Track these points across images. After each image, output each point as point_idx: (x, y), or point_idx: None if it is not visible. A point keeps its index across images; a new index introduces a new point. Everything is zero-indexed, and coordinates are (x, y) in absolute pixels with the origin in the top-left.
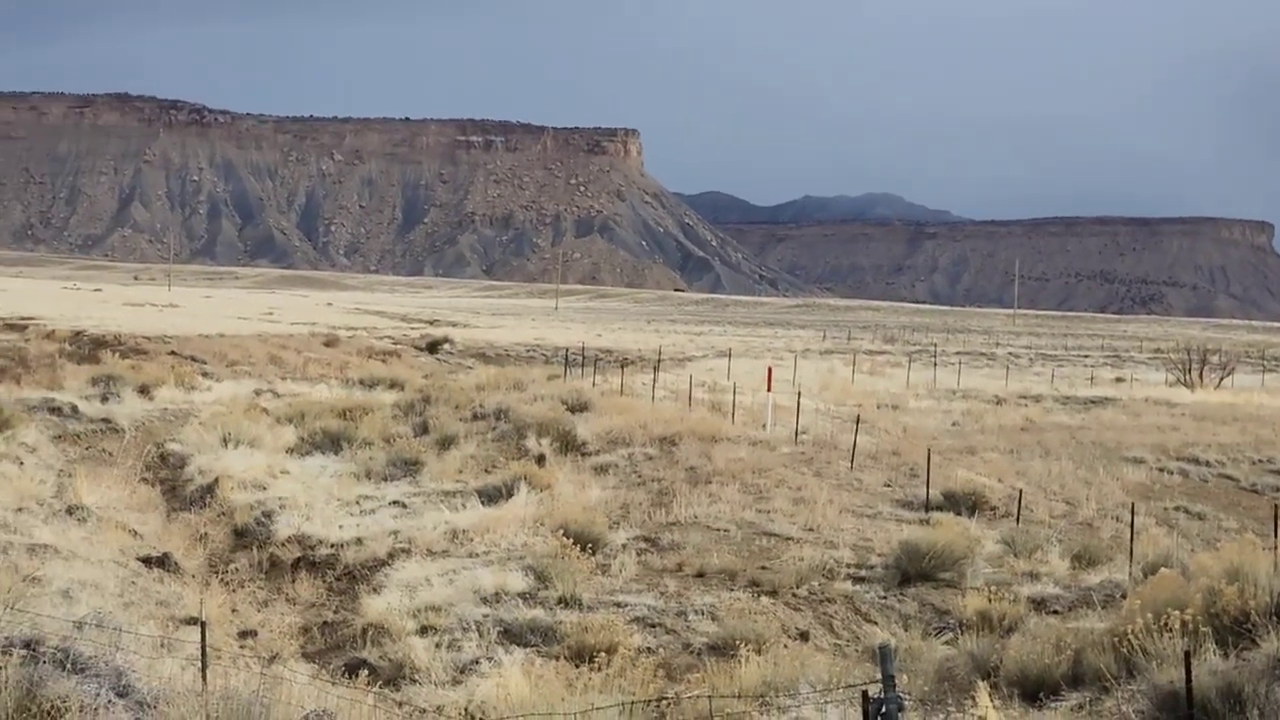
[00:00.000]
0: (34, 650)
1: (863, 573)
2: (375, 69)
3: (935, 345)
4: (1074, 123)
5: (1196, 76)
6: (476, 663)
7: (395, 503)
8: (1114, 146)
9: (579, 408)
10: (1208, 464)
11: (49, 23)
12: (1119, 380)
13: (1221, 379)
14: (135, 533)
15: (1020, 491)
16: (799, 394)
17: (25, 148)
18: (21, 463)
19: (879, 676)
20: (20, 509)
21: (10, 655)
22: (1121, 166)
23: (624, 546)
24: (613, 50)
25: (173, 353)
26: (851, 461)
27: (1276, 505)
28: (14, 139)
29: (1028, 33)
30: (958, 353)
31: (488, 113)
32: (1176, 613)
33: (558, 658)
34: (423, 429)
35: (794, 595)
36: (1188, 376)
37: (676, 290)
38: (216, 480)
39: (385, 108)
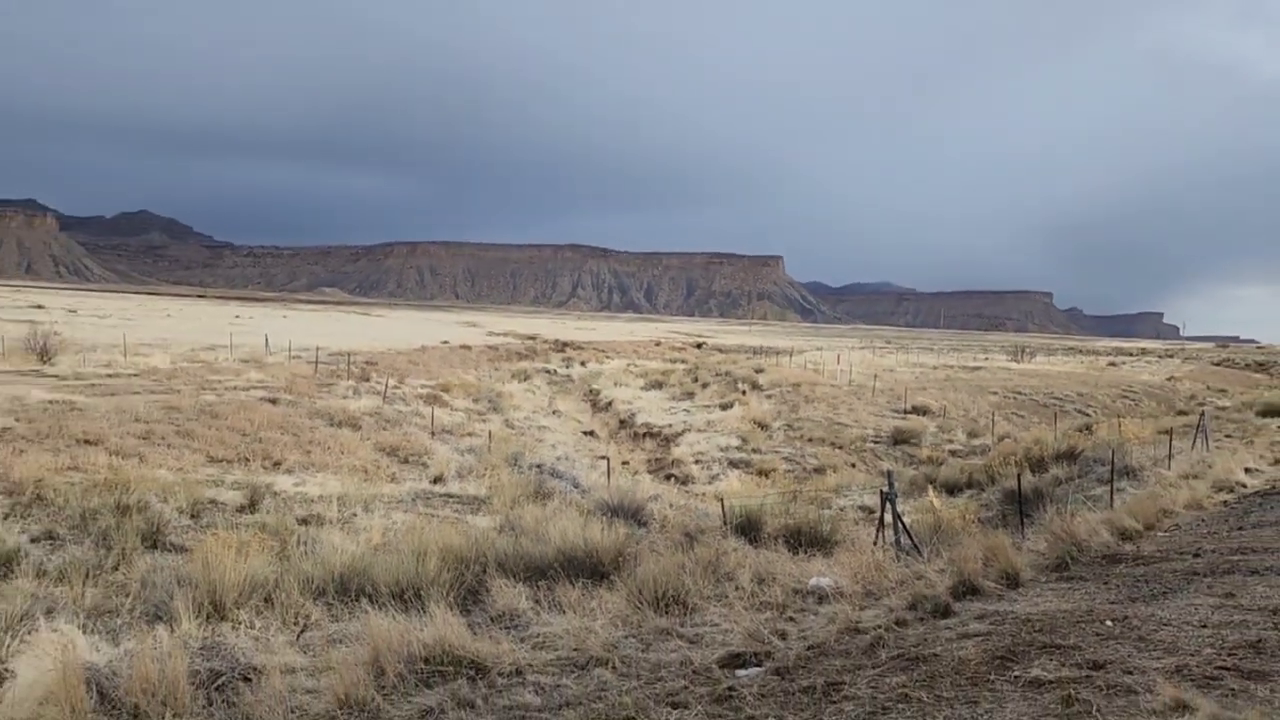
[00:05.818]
0: (540, 468)
1: (878, 439)
2: (677, 230)
3: (908, 345)
4: (974, 243)
5: (1030, 216)
6: (717, 475)
7: (685, 410)
8: (987, 254)
9: (759, 370)
10: (1025, 394)
11: (546, 210)
12: (986, 359)
13: (1031, 358)
14: (580, 422)
15: (945, 406)
16: (850, 365)
17: (531, 268)
18: (534, 393)
19: (887, 484)
20: (535, 411)
21: (532, 470)
22: (990, 263)
23: (779, 428)
24: (772, 212)
25: (594, 348)
26: (873, 393)
27: (1055, 413)
28: (532, 264)
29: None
30: (919, 348)
31: (721, 248)
32: (1013, 457)
33: (751, 474)
34: (694, 380)
35: (849, 449)
36: (1016, 358)
37: (799, 323)
38: (611, 401)
39: (678, 245)
